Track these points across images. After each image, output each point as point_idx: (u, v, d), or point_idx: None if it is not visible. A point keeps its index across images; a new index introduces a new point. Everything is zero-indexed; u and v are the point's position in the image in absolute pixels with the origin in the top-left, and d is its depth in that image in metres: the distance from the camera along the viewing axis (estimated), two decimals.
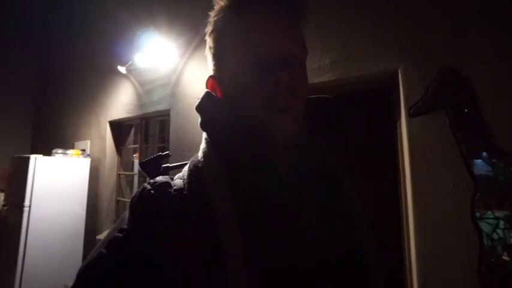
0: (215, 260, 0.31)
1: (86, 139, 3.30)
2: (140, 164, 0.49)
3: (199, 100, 0.43)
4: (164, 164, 0.50)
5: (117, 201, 3.08)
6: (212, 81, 0.45)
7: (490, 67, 1.25)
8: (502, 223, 1.23)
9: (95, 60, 3.25)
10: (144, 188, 0.37)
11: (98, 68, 3.19)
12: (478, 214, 1.25)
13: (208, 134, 0.43)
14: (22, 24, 4.05)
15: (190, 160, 0.43)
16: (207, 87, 0.45)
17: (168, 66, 2.51)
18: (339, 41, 1.62)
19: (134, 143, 3.13)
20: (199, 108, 0.43)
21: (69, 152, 3.08)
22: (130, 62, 2.70)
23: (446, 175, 1.30)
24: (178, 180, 0.39)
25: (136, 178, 2.98)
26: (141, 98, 2.75)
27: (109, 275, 0.32)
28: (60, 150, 3.02)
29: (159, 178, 0.39)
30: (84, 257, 2.89)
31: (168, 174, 0.44)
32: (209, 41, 0.45)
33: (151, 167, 0.48)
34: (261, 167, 0.38)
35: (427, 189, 1.34)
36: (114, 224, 2.61)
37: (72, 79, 3.62)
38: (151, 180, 0.38)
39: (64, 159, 2.93)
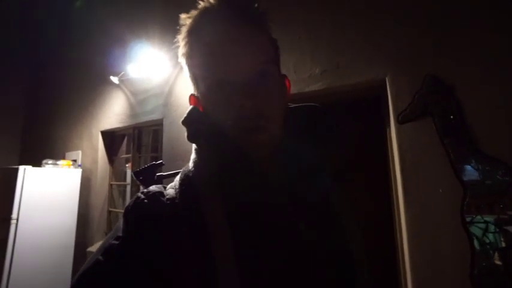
0: (207, 266, 0.32)
1: (77, 149, 3.26)
2: (134, 172, 0.50)
3: (185, 115, 0.45)
4: (158, 172, 0.51)
5: (109, 212, 3.02)
6: (193, 98, 0.47)
7: (472, 76, 1.30)
8: (492, 227, 1.25)
9: (87, 70, 3.24)
10: (138, 197, 0.39)
11: (90, 78, 3.19)
12: (468, 218, 1.28)
13: (195, 145, 0.45)
14: (14, 34, 4.03)
15: (182, 169, 0.44)
16: (190, 104, 0.47)
17: (161, 76, 2.52)
18: (328, 50, 1.66)
19: (127, 153, 3.10)
20: (185, 122, 0.45)
21: (60, 162, 3.03)
22: (123, 72, 2.70)
23: (436, 180, 1.33)
24: (171, 189, 0.41)
25: (129, 188, 2.94)
26: (134, 107, 2.74)
27: (106, 281, 0.33)
28: (50, 161, 2.96)
29: (152, 187, 0.40)
30: (74, 271, 2.80)
31: (161, 183, 0.46)
32: (182, 62, 0.46)
33: (145, 175, 0.49)
34: (245, 175, 0.39)
35: (418, 195, 1.36)
36: (105, 236, 2.54)
37: (63, 89, 3.60)
38: (145, 190, 0.40)
39: (54, 170, 2.88)
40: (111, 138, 3.12)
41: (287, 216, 0.39)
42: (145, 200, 0.38)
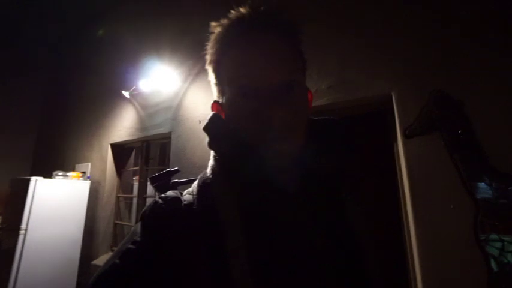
0: (223, 273, 0.32)
1: (87, 161, 3.32)
2: (150, 178, 0.51)
3: (207, 121, 0.45)
4: (173, 179, 0.52)
5: (115, 225, 3.02)
6: (216, 105, 0.47)
7: (482, 91, 1.29)
8: (510, 246, 1.19)
9: (100, 86, 3.37)
10: (156, 202, 0.39)
11: (102, 93, 3.31)
12: (482, 237, 1.22)
13: (215, 152, 0.45)
14: (32, 49, 4.25)
15: (199, 176, 0.45)
16: (212, 110, 0.48)
17: (171, 91, 2.60)
18: (335, 66, 1.69)
19: (134, 166, 3.14)
20: (207, 128, 0.45)
21: (70, 174, 3.09)
22: (134, 87, 2.80)
23: (446, 197, 1.29)
24: (188, 195, 0.41)
25: (135, 201, 2.95)
26: (144, 121, 2.81)
27: (122, 284, 0.33)
28: (60, 173, 3.03)
29: (170, 193, 0.41)
30: (78, 283, 2.77)
31: (176, 189, 0.46)
32: (209, 70, 0.47)
33: (160, 182, 0.50)
34: (263, 185, 0.39)
35: (428, 210, 1.32)
36: (110, 249, 2.52)
37: (76, 103, 3.75)
38: (163, 195, 0.40)
39: (64, 181, 2.93)
40: (120, 150, 3.18)
41: (304, 230, 0.39)
42: (163, 205, 0.38)
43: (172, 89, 2.59)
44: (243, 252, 0.34)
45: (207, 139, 0.45)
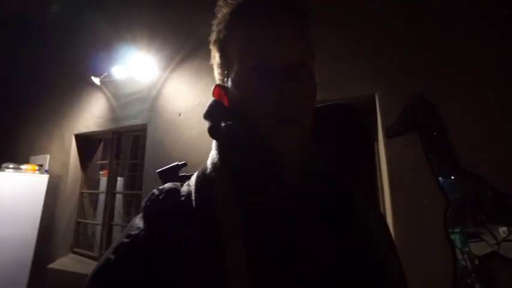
0: (219, 267, 0.31)
1: (45, 153, 2.99)
2: (158, 172, 0.48)
3: (207, 108, 0.44)
4: (180, 173, 0.49)
5: (78, 223, 2.76)
6: (219, 90, 0.45)
7: (455, 96, 1.42)
8: (470, 237, 1.33)
9: (65, 68, 3.05)
10: (153, 193, 0.38)
11: (67, 77, 2.99)
12: (450, 230, 1.35)
13: (216, 141, 0.43)
14: None
15: (200, 167, 0.42)
16: (213, 96, 0.45)
17: (148, 80, 2.44)
18: (323, 65, 1.73)
19: (102, 159, 2.90)
20: (207, 115, 0.43)
21: (24, 167, 2.75)
22: (105, 74, 2.58)
23: (421, 192, 1.40)
24: (186, 186, 0.40)
25: (102, 197, 2.72)
26: (115, 111, 2.61)
27: (118, 279, 0.33)
28: (12, 165, 2.68)
29: (168, 185, 0.40)
30: None
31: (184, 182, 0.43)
32: (213, 49, 0.45)
33: (167, 176, 0.47)
34: (267, 175, 0.38)
35: (405, 205, 1.42)
36: (71, 251, 2.32)
37: (35, 86, 3.33)
38: (160, 187, 0.39)
39: (16, 175, 2.60)
40: (85, 142, 2.92)
41: (306, 221, 0.37)
42: (161, 197, 0.37)
43: (150, 78, 2.43)
44: (242, 254, 0.32)
45: (207, 125, 0.43)
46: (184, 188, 0.39)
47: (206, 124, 0.43)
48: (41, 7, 3.44)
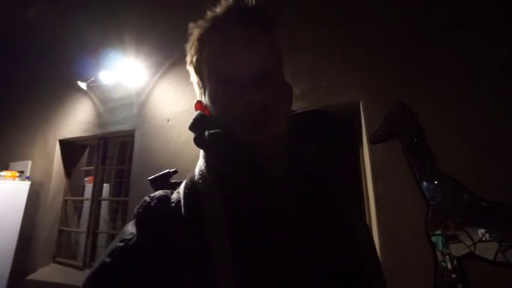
0: (206, 271, 0.34)
1: (26, 159, 2.88)
2: (150, 180, 0.50)
3: (192, 121, 0.46)
4: (172, 180, 0.51)
5: (61, 231, 2.66)
6: (200, 105, 0.49)
7: (433, 104, 1.50)
8: (450, 239, 1.39)
9: (50, 71, 2.97)
10: (144, 201, 0.40)
11: (52, 80, 2.92)
12: (431, 232, 1.41)
13: (202, 150, 0.46)
14: None
15: (188, 175, 0.45)
16: (196, 110, 0.49)
17: (136, 85, 2.42)
18: (309, 73, 1.78)
19: (88, 165, 2.83)
20: (192, 127, 0.46)
21: (2, 173, 2.64)
22: (92, 78, 2.54)
23: (404, 196, 1.46)
24: (176, 194, 0.42)
25: (88, 204, 2.64)
26: (102, 116, 2.56)
27: (113, 281, 0.35)
28: None
29: (159, 192, 0.42)
30: None
31: (174, 189, 0.45)
32: (190, 70, 0.48)
33: (159, 183, 0.49)
34: (249, 175, 0.40)
35: (389, 208, 1.47)
36: (53, 261, 2.24)
37: (18, 88, 3.22)
38: (152, 194, 0.41)
39: None
40: (69, 148, 2.84)
41: (292, 221, 0.40)
42: (152, 204, 0.39)
43: (138, 84, 2.41)
44: (227, 246, 0.35)
45: (192, 136, 0.46)
46: (174, 195, 0.41)
47: (192, 135, 0.46)
48: (27, 9, 3.35)
